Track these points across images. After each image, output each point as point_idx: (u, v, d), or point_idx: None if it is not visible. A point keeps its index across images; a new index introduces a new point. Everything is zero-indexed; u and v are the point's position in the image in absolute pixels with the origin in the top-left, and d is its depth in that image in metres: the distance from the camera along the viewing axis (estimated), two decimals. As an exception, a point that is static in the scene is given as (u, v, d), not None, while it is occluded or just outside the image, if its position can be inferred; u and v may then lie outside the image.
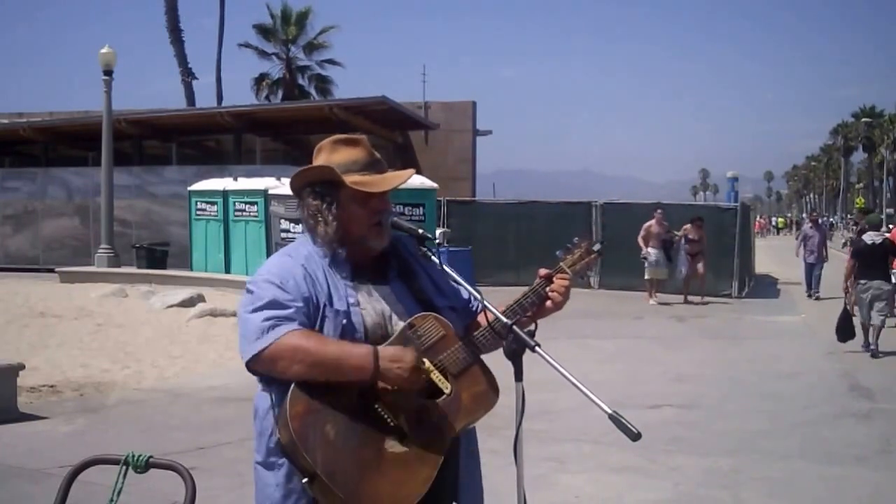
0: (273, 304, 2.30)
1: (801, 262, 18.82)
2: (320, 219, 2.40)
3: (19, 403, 7.60)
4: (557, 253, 2.59)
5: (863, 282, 11.06)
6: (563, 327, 3.34)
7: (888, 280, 11.36)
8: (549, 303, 2.50)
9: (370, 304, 2.40)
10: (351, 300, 2.38)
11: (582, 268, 2.58)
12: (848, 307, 11.32)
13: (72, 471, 2.36)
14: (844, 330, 11.17)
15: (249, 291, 2.37)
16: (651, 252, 16.90)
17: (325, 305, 2.35)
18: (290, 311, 2.30)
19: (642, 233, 17.00)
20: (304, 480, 2.21)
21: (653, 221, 17.06)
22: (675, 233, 17.26)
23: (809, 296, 18.12)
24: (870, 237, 11.30)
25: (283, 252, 2.49)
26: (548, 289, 2.50)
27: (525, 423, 2.30)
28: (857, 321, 11.22)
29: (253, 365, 2.29)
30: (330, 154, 2.45)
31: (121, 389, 8.74)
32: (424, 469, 2.29)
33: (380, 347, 2.28)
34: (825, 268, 18.49)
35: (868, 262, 11.16)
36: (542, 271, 2.54)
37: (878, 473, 6.12)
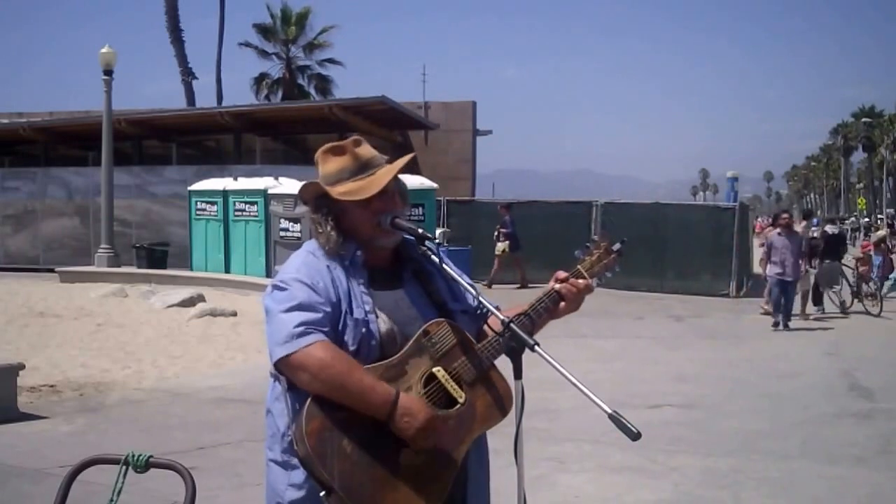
0: (305, 307, 2.30)
1: (768, 279, 13.51)
2: (320, 230, 2.43)
3: (19, 403, 7.60)
4: (576, 253, 2.53)
5: (827, 261, 15.06)
6: (563, 327, 3.32)
7: (840, 261, 15.53)
8: (562, 304, 2.47)
9: (384, 311, 2.39)
10: (367, 307, 2.37)
11: (600, 270, 2.53)
12: (816, 280, 15.13)
13: (72, 471, 2.36)
14: (816, 297, 15.29)
15: (281, 289, 2.36)
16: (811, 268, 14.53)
17: (346, 313, 2.35)
18: (321, 315, 2.30)
19: (764, 249, 13.89)
20: (322, 494, 2.21)
21: (774, 231, 13.86)
22: (814, 234, 15.72)
23: (777, 325, 13.15)
24: (830, 229, 15.99)
25: (307, 249, 2.47)
26: (560, 286, 2.47)
27: (525, 422, 2.29)
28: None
29: (279, 366, 2.31)
30: (323, 165, 2.47)
31: (121, 389, 8.74)
32: (440, 480, 2.29)
33: (401, 396, 2.25)
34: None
35: (829, 248, 15.23)
36: (560, 274, 2.50)
37: (878, 473, 6.12)
